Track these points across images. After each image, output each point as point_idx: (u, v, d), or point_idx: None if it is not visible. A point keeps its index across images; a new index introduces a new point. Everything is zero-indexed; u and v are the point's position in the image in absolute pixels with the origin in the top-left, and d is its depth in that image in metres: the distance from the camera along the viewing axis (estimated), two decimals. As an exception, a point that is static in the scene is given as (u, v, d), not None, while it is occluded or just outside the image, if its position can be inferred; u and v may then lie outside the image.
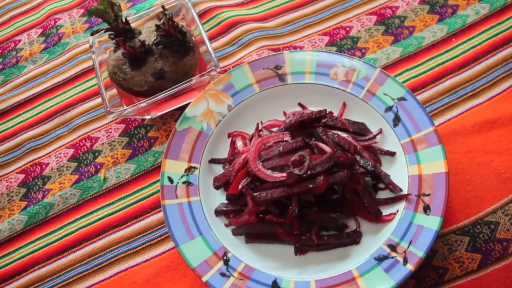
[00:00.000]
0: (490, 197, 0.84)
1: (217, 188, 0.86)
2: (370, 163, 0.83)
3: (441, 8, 1.06)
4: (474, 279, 0.78)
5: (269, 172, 0.78)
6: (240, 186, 0.81)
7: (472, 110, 0.93)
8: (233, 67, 1.03)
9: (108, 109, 0.89)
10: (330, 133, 0.84)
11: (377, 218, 0.81)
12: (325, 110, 0.86)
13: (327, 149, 0.80)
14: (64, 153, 1.01)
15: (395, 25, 1.05)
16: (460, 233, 0.82)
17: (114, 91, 0.97)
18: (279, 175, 0.77)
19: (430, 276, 0.79)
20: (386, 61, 1.01)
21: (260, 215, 0.81)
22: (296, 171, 0.76)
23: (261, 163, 0.80)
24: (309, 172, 0.76)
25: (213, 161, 0.89)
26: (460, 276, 0.79)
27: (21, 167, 1.02)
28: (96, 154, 1.00)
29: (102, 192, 0.95)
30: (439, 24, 1.04)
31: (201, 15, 1.13)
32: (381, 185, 0.84)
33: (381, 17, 1.07)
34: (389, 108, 0.88)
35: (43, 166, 1.01)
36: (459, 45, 1.00)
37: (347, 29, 1.06)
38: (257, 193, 0.78)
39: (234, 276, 0.78)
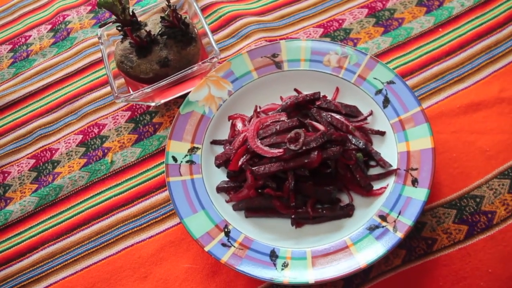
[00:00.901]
0: (475, 173, 0.90)
1: (218, 166, 0.91)
2: (362, 141, 0.88)
3: (429, 1, 1.12)
4: (461, 249, 0.83)
5: (266, 148, 0.84)
6: (240, 163, 0.86)
7: (458, 93, 0.99)
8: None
9: (116, 94, 0.95)
10: (324, 114, 0.89)
11: (369, 192, 0.86)
12: (319, 92, 0.91)
13: (321, 127, 0.86)
14: (73, 139, 1.07)
15: (385, 17, 1.11)
16: (447, 206, 0.87)
17: (121, 80, 1.03)
18: (276, 151, 0.83)
19: (420, 246, 0.84)
20: (377, 50, 1.07)
21: (259, 190, 0.86)
22: (292, 146, 0.82)
23: (259, 141, 0.85)
24: (304, 148, 0.82)
25: (214, 142, 0.95)
26: (448, 246, 0.84)
27: (31, 152, 1.08)
28: (104, 139, 1.05)
29: (109, 174, 1.01)
30: (427, 15, 1.10)
31: (203, 9, 1.20)
32: (373, 163, 0.89)
33: (372, 10, 1.13)
34: (379, 91, 0.93)
35: (53, 151, 1.06)
36: (446, 35, 1.06)
37: (340, 21, 1.13)
38: (255, 168, 0.83)
39: (234, 246, 0.82)
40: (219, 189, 0.90)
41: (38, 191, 1.01)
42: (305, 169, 0.83)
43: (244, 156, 0.86)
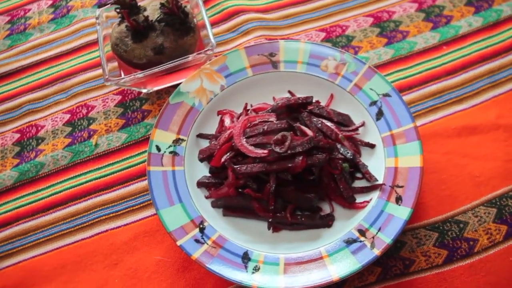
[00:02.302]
0: (462, 197, 0.88)
1: (201, 160, 0.90)
2: (350, 152, 0.86)
3: (436, 17, 1.10)
4: (438, 273, 0.81)
5: (251, 147, 0.82)
6: (222, 159, 0.84)
7: (454, 114, 0.97)
8: (230, 51, 1.08)
9: (107, 76, 0.93)
10: (314, 119, 0.87)
11: (351, 204, 0.84)
12: (312, 96, 0.89)
13: (309, 132, 0.84)
14: (60, 118, 1.05)
15: (390, 29, 1.09)
16: (430, 228, 0.85)
17: (114, 64, 1.01)
18: (261, 151, 0.81)
19: (397, 266, 0.82)
20: (377, 60, 1.05)
21: (239, 189, 0.84)
22: (277, 149, 0.80)
23: (245, 139, 0.83)
24: (289, 152, 0.80)
25: (200, 135, 0.93)
26: (425, 269, 0.82)
27: (17, 127, 1.06)
28: (91, 121, 1.04)
29: (92, 157, 0.99)
30: (432, 31, 1.08)
31: (205, 1, 1.18)
32: (359, 175, 0.87)
33: (377, 20, 1.11)
34: (373, 103, 0.91)
35: (39, 128, 1.05)
36: (449, 53, 1.04)
37: (344, 27, 1.11)
38: (237, 166, 0.81)
39: (207, 244, 0.81)
40: (200, 184, 0.88)
41: (19, 166, 1.00)
42: (288, 173, 0.81)
43: (228, 153, 0.85)
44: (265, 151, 0.81)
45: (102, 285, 0.85)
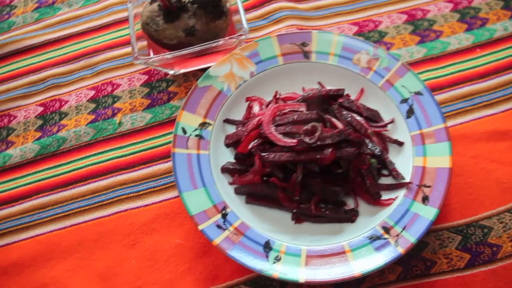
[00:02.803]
0: (488, 203, 0.86)
1: (227, 145, 0.89)
2: (378, 148, 0.85)
3: (471, 19, 1.08)
4: (459, 277, 0.80)
5: (280, 136, 0.81)
6: (250, 146, 0.83)
7: (484, 118, 0.95)
8: (260, 39, 1.06)
9: (136, 55, 0.92)
10: (344, 112, 0.86)
11: (376, 201, 0.82)
12: (343, 89, 0.88)
13: (339, 124, 0.82)
14: (84, 94, 1.04)
15: (424, 27, 1.08)
16: (453, 231, 0.84)
17: (143, 43, 1.00)
18: (290, 141, 0.80)
19: (418, 266, 0.81)
20: (409, 58, 1.03)
21: (264, 178, 0.83)
22: (307, 139, 0.79)
23: (274, 127, 0.82)
24: (318, 143, 0.78)
25: (227, 121, 0.92)
26: (446, 272, 0.80)
27: (41, 100, 1.05)
28: (116, 99, 1.03)
29: (115, 135, 0.98)
30: (466, 33, 1.06)
31: (238, -14, 1.16)
32: (385, 172, 0.86)
33: (411, 17, 1.09)
34: (404, 100, 0.90)
35: (63, 102, 1.04)
36: (483, 56, 1.03)
37: (377, 23, 1.09)
38: (265, 154, 0.80)
39: (229, 230, 0.80)
40: (224, 170, 0.87)
41: (41, 140, 0.99)
42: (316, 164, 0.80)
43: (256, 140, 0.84)
44: (294, 141, 0.80)
45: (118, 264, 0.85)
